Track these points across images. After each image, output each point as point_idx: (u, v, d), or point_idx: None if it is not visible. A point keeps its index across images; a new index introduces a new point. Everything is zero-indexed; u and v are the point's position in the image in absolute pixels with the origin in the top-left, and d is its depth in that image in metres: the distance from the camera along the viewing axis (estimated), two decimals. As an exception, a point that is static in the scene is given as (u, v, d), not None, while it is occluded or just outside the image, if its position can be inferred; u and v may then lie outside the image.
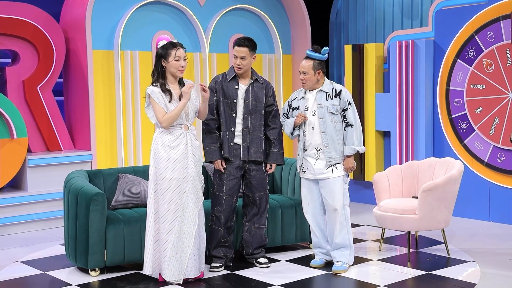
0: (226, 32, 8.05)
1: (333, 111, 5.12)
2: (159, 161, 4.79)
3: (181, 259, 4.82)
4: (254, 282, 4.95)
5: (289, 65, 8.64)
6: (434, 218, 5.41)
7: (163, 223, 4.80)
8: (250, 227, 5.33)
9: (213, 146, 5.18)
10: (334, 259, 5.23)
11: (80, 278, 5.10)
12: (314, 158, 5.15)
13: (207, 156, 5.21)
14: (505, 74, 6.78)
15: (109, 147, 7.35)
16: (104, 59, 7.28)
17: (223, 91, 5.20)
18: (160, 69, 4.86)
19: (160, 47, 4.89)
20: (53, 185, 6.95)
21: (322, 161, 5.13)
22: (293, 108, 5.27)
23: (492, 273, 5.07)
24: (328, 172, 5.13)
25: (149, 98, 4.82)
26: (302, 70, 5.17)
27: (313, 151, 5.15)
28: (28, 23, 7.06)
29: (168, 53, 4.85)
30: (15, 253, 5.95)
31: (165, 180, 4.77)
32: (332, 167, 5.13)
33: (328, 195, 5.14)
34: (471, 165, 7.09)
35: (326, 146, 5.11)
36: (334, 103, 5.14)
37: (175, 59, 4.84)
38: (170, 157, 4.78)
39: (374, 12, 8.44)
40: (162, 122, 4.77)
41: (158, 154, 4.80)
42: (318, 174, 5.15)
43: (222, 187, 5.20)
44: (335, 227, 5.16)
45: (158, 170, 4.79)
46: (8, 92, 7.04)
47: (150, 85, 4.88)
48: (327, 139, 5.11)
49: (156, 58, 4.91)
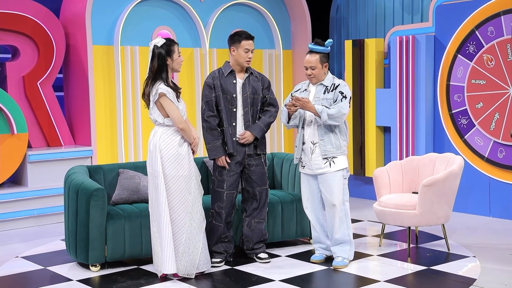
0: (226, 27, 8.03)
1: (326, 104, 5.09)
2: (168, 159, 4.79)
3: (193, 254, 4.86)
4: (255, 277, 4.96)
5: (289, 60, 8.63)
6: (434, 214, 5.41)
7: (176, 220, 4.83)
8: (250, 222, 5.34)
9: (216, 143, 5.15)
10: (334, 254, 5.23)
11: (80, 274, 5.10)
12: (310, 153, 5.14)
13: (211, 153, 5.16)
14: (505, 70, 6.78)
15: (109, 143, 7.35)
16: (104, 55, 7.28)
17: (221, 86, 5.18)
18: (165, 68, 4.84)
19: (162, 46, 4.84)
20: (54, 181, 6.95)
21: (317, 155, 5.12)
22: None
23: (492, 268, 5.08)
24: (326, 167, 5.11)
25: (162, 97, 4.77)
26: (309, 65, 5.11)
27: (309, 144, 5.15)
28: (28, 19, 7.05)
29: (172, 50, 4.86)
30: (16, 249, 5.95)
31: (176, 177, 4.80)
32: (329, 161, 5.10)
33: (326, 191, 5.13)
34: (472, 161, 7.09)
35: (322, 139, 5.10)
36: (329, 97, 5.11)
37: (178, 55, 4.88)
38: (179, 154, 4.81)
39: (374, 7, 8.43)
40: (182, 122, 4.80)
41: (167, 152, 4.79)
42: (316, 169, 5.14)
43: (223, 183, 5.20)
44: (334, 222, 5.16)
45: (168, 168, 4.79)
46: (8, 87, 7.04)
47: (160, 84, 4.80)
48: (322, 132, 5.10)
49: (158, 56, 4.83)
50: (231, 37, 5.27)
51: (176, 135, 4.84)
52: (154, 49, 4.85)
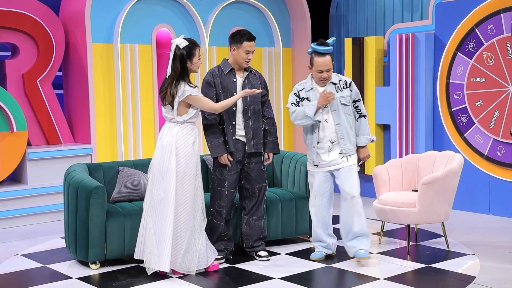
0: (226, 25, 8.03)
1: (345, 102, 5.13)
2: (184, 157, 4.83)
3: (193, 251, 4.89)
4: (254, 275, 4.96)
5: (289, 58, 8.62)
6: (434, 211, 5.42)
7: (183, 217, 4.86)
8: (248, 220, 5.34)
9: (217, 141, 5.13)
10: (353, 248, 5.18)
11: (80, 271, 5.11)
12: (327, 152, 5.14)
13: (213, 151, 5.14)
14: (505, 67, 6.78)
15: (109, 141, 7.35)
16: (103, 52, 7.27)
17: (221, 84, 5.17)
18: (186, 70, 4.89)
19: (184, 48, 4.86)
20: (53, 179, 6.95)
21: (335, 152, 5.12)
22: (302, 98, 5.19)
23: (491, 266, 5.08)
24: (343, 161, 5.14)
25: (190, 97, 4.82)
26: (326, 68, 5.09)
27: (327, 143, 5.14)
28: (28, 16, 7.05)
29: (193, 53, 4.91)
30: (16, 246, 5.96)
31: (187, 175, 4.85)
32: (346, 156, 5.14)
33: (345, 183, 5.13)
34: (471, 158, 7.09)
35: (342, 138, 5.11)
36: (345, 94, 5.14)
37: (198, 58, 4.95)
38: (193, 152, 4.88)
39: (374, 5, 8.42)
40: (217, 108, 4.96)
41: (183, 149, 4.84)
42: (333, 165, 5.15)
43: (224, 181, 5.19)
44: (353, 216, 5.14)
45: (181, 166, 4.83)
46: (8, 85, 7.03)
47: (185, 86, 4.84)
48: (342, 131, 5.11)
49: (180, 58, 4.85)
50: (233, 36, 5.24)
51: (191, 134, 4.89)
52: (176, 50, 4.87)
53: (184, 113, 4.88)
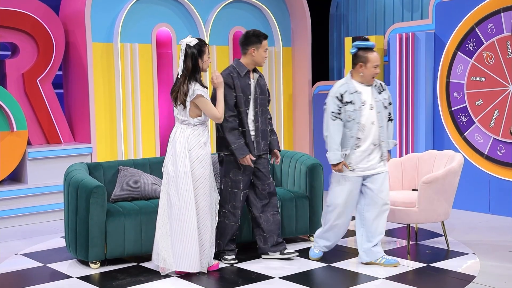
0: (226, 25, 8.04)
1: (386, 105, 5.08)
2: (197, 159, 4.85)
3: (203, 250, 4.92)
4: (254, 274, 4.96)
5: (289, 57, 8.62)
6: (434, 211, 5.42)
7: (202, 219, 4.89)
8: (266, 217, 5.28)
9: (240, 142, 5.08)
10: (378, 254, 5.09)
11: (80, 271, 5.11)
12: (367, 155, 4.99)
13: (238, 152, 5.05)
14: (505, 67, 6.78)
15: (109, 140, 7.35)
16: (103, 52, 7.27)
17: (241, 87, 5.12)
18: (198, 68, 4.89)
19: (194, 46, 4.86)
20: (53, 178, 6.96)
21: (375, 155, 5.02)
22: (345, 103, 4.94)
23: (491, 266, 5.08)
24: (380, 166, 5.03)
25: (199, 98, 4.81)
26: (378, 63, 5.08)
27: (370, 146, 4.99)
28: (28, 16, 7.05)
29: (203, 51, 4.91)
30: (16, 246, 5.96)
31: (203, 177, 4.88)
32: (383, 161, 5.07)
33: (379, 190, 5.03)
34: (471, 158, 7.09)
35: (383, 141, 5.04)
36: (385, 97, 5.09)
37: (208, 56, 4.95)
38: (206, 154, 4.90)
39: (374, 5, 8.43)
40: (219, 117, 4.92)
41: (195, 152, 4.85)
42: (371, 169, 5.00)
43: (239, 183, 5.17)
44: (382, 222, 5.08)
45: (196, 168, 4.85)
46: (8, 84, 7.04)
47: (196, 85, 4.82)
48: (384, 134, 5.04)
49: (191, 56, 4.85)
50: (248, 38, 5.15)
51: (202, 136, 4.90)
52: (187, 48, 4.87)
53: (195, 116, 4.87)
